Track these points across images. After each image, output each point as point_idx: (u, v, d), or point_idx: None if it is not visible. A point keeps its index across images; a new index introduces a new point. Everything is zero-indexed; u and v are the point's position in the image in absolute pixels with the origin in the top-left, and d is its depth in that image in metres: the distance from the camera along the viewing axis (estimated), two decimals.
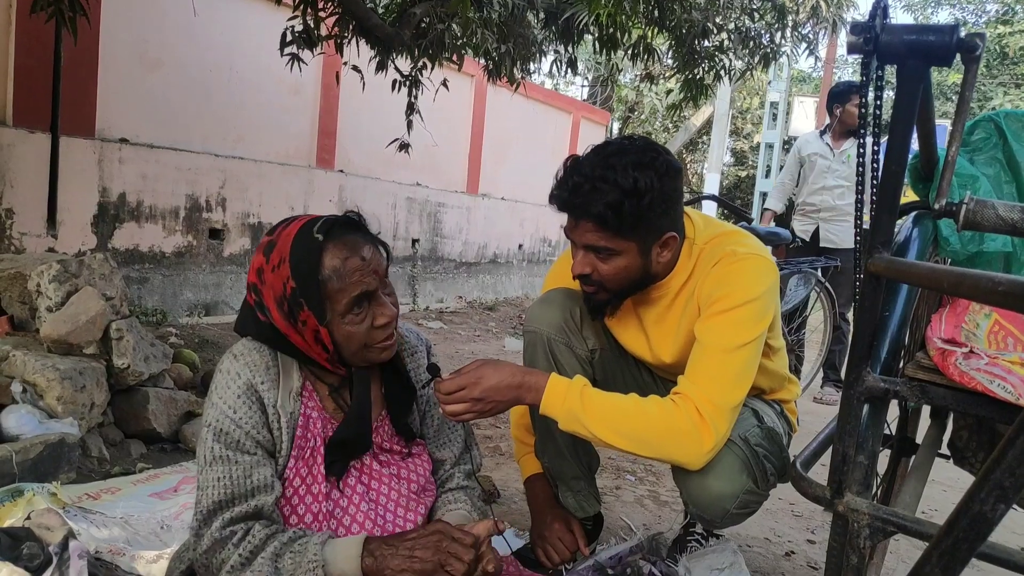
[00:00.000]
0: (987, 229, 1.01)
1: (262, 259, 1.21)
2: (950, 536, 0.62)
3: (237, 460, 1.17)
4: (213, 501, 1.16)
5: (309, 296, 1.17)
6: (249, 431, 1.19)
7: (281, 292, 1.19)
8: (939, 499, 2.77)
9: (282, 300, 1.19)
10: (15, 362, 2.23)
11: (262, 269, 1.21)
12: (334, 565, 1.13)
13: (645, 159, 1.41)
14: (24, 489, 1.82)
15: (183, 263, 4.75)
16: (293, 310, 1.18)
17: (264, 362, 1.23)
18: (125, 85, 4.31)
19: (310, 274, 1.17)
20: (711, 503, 1.47)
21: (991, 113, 1.45)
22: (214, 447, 1.18)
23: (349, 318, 1.19)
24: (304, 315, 1.18)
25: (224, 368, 1.22)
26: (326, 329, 1.19)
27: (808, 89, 16.53)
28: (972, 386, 1.02)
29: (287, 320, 1.20)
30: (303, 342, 1.21)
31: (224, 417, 1.18)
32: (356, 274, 1.19)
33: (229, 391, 1.20)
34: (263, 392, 1.21)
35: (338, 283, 1.18)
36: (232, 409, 1.18)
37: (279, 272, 1.19)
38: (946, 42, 0.84)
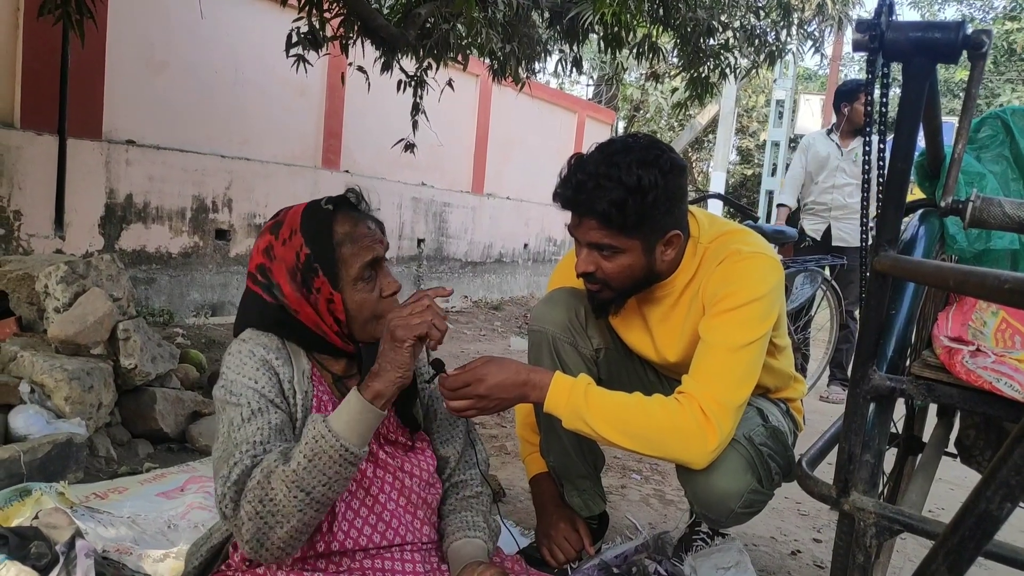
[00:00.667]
0: (994, 227, 1.00)
1: (270, 237, 1.24)
2: (956, 534, 0.62)
3: (275, 412, 1.17)
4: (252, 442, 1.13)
5: (324, 260, 1.21)
6: (273, 399, 1.19)
7: (294, 262, 1.21)
8: (946, 497, 2.76)
9: (295, 270, 1.21)
10: (23, 363, 2.25)
11: (271, 246, 1.23)
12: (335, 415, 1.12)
13: (649, 157, 1.41)
14: (32, 489, 1.83)
15: (190, 264, 4.77)
16: (307, 278, 1.21)
17: (274, 344, 1.24)
18: (132, 87, 4.33)
19: (323, 240, 1.21)
20: (716, 502, 1.46)
21: (998, 110, 1.44)
22: (251, 403, 1.16)
23: (360, 285, 1.23)
24: (319, 282, 1.21)
25: (235, 350, 1.22)
26: (340, 295, 1.21)
27: (814, 87, 16.48)
28: (979, 384, 1.02)
29: (300, 291, 1.21)
30: (314, 315, 1.23)
31: (247, 389, 1.18)
32: (366, 239, 1.24)
33: (246, 366, 1.20)
34: (277, 367, 1.22)
35: (351, 247, 1.22)
36: (253, 380, 1.18)
37: (291, 243, 1.22)
38: (952, 39, 0.84)
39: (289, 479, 1.08)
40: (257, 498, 1.08)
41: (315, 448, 1.08)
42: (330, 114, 5.76)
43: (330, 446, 1.08)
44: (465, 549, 1.32)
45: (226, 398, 1.18)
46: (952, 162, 1.01)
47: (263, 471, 1.09)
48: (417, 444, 1.37)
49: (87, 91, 4.07)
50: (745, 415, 1.50)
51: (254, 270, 1.25)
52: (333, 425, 1.10)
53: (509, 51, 3.77)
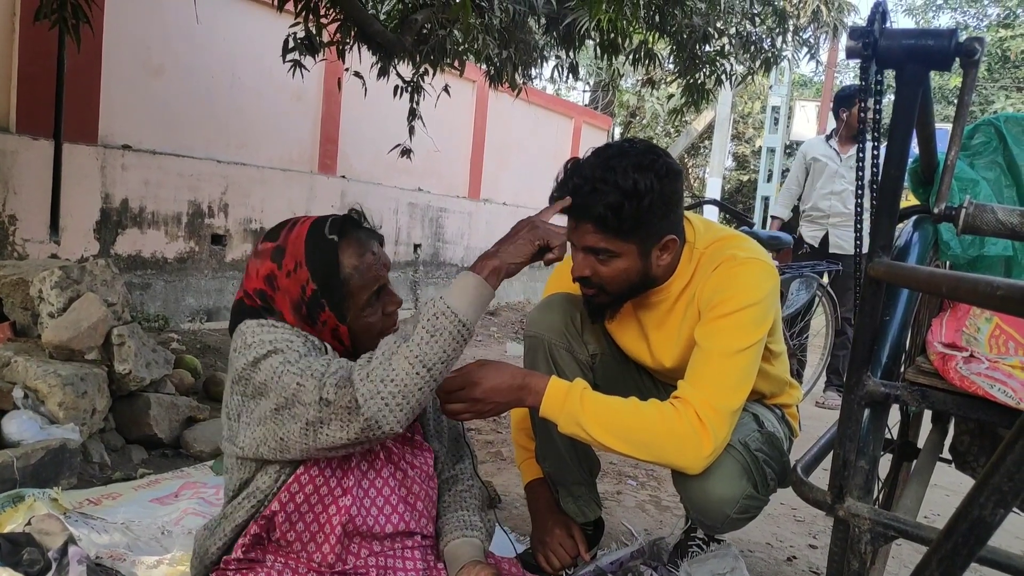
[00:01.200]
0: (987, 233, 1.00)
1: (272, 265, 1.22)
2: (950, 541, 0.62)
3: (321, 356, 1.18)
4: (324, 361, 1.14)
5: (331, 296, 1.21)
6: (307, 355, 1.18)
7: (299, 296, 1.21)
8: (941, 504, 2.76)
9: (300, 304, 1.21)
10: (17, 368, 2.24)
11: (274, 275, 1.21)
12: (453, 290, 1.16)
13: (645, 161, 1.41)
14: (25, 494, 1.82)
15: (185, 269, 4.76)
16: (312, 312, 1.21)
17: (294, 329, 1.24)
18: (128, 92, 4.33)
19: (331, 275, 1.21)
20: (711, 508, 1.46)
21: (991, 117, 1.45)
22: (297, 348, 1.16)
23: (367, 311, 1.25)
24: (324, 316, 1.22)
25: (255, 328, 1.19)
26: (346, 327, 1.23)
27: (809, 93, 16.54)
28: (973, 390, 1.02)
29: (304, 321, 1.22)
30: (317, 339, 1.24)
31: (289, 349, 1.15)
32: (373, 269, 1.25)
33: (277, 330, 1.18)
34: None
35: (359, 280, 1.23)
36: (288, 340, 1.17)
37: (296, 276, 1.21)
38: (945, 46, 0.84)
39: (413, 355, 1.10)
40: (379, 378, 1.09)
41: (436, 324, 1.12)
42: (326, 119, 5.76)
43: (450, 322, 1.12)
44: (462, 549, 1.32)
45: (265, 357, 1.14)
46: (945, 169, 1.01)
47: (383, 353, 1.11)
48: (415, 436, 1.37)
49: (83, 95, 4.07)
50: (741, 420, 1.50)
51: (252, 292, 1.23)
52: (449, 299, 1.14)
53: (506, 57, 3.78)
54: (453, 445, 1.47)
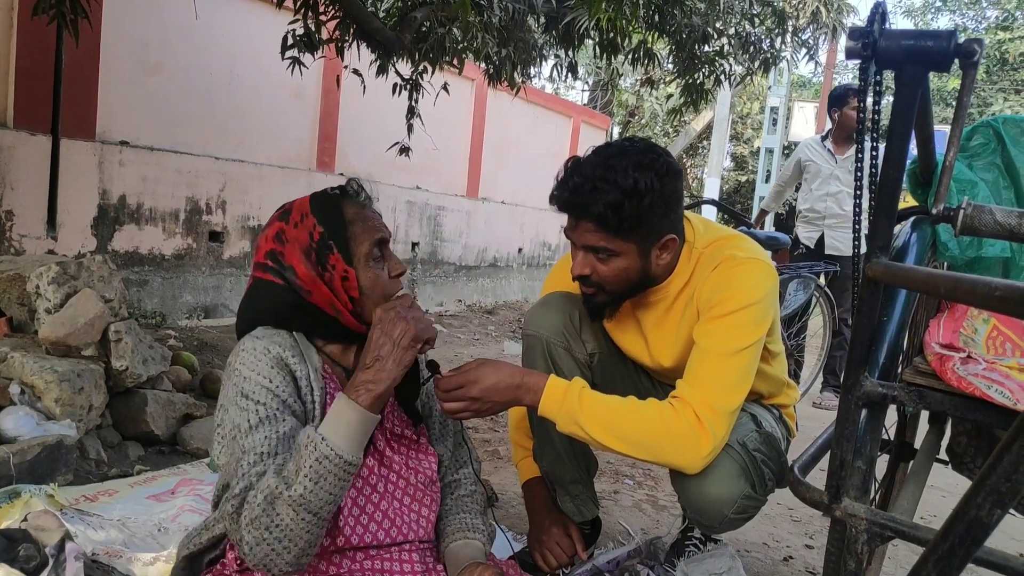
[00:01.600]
0: (985, 234, 1.01)
1: (280, 224, 1.27)
2: (946, 541, 0.62)
3: (284, 419, 1.16)
4: (257, 454, 1.11)
5: (337, 237, 1.24)
6: (286, 399, 1.18)
7: (308, 241, 1.24)
8: (938, 504, 2.77)
9: (309, 249, 1.24)
10: (13, 364, 2.23)
11: (282, 231, 1.26)
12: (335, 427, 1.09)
13: (645, 160, 1.41)
14: (21, 491, 1.81)
15: (183, 265, 4.75)
16: (322, 255, 1.23)
17: (287, 341, 1.24)
18: (126, 88, 4.32)
19: (335, 218, 1.26)
20: (709, 508, 1.46)
21: (990, 119, 1.45)
22: (258, 410, 1.14)
23: (371, 263, 1.26)
24: (333, 258, 1.23)
25: (248, 347, 1.20)
26: (353, 271, 1.24)
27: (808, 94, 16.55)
28: (970, 391, 1.02)
29: (315, 269, 1.23)
30: (329, 293, 1.23)
31: (260, 388, 1.16)
32: (372, 220, 1.29)
33: (260, 363, 1.18)
34: (293, 366, 1.21)
35: (361, 226, 1.27)
36: (267, 378, 1.17)
37: (303, 225, 1.25)
38: (944, 48, 0.84)
39: (296, 503, 1.05)
40: (263, 526, 1.06)
41: (319, 470, 1.06)
42: (325, 117, 5.76)
43: (335, 465, 1.07)
44: (463, 551, 1.32)
45: (236, 399, 1.16)
46: (943, 170, 1.01)
47: (265, 497, 1.06)
48: (421, 439, 1.37)
49: (81, 91, 4.06)
50: (739, 421, 1.50)
51: (263, 258, 1.26)
52: (332, 440, 1.07)
53: (505, 56, 3.78)
54: (456, 450, 1.47)
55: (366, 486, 1.26)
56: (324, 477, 1.06)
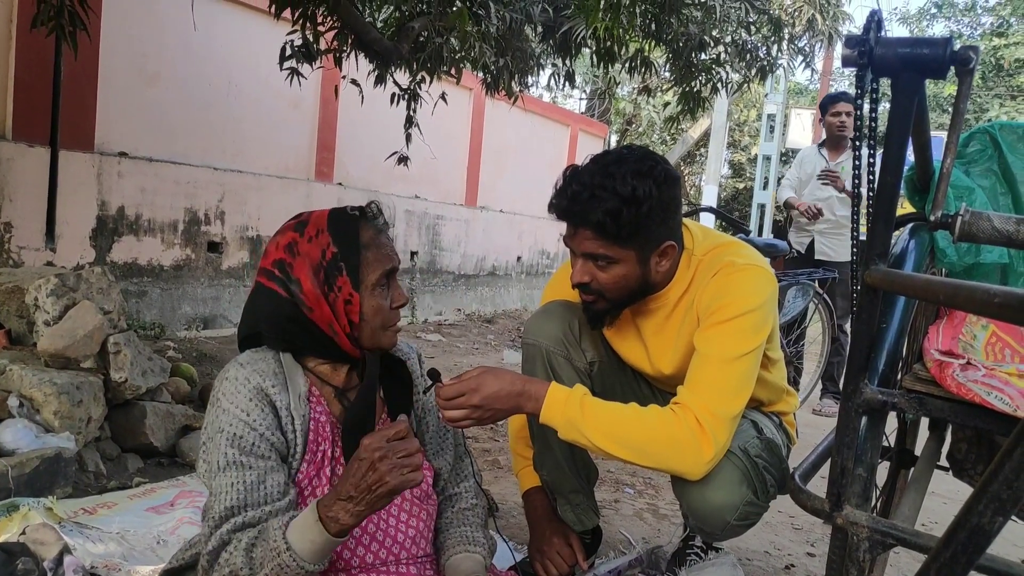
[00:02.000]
0: (982, 241, 1.01)
1: (294, 235, 1.26)
2: (948, 549, 0.62)
3: (251, 465, 1.17)
4: (225, 507, 1.14)
5: (349, 261, 1.23)
6: (263, 433, 1.18)
7: (319, 258, 1.23)
8: (939, 511, 2.76)
9: (319, 267, 1.23)
10: (12, 376, 2.23)
11: (295, 242, 1.25)
12: (301, 541, 1.10)
13: (644, 168, 1.42)
14: (20, 504, 1.81)
15: (181, 276, 4.75)
16: (331, 275, 1.23)
17: (271, 368, 1.24)
18: (125, 99, 4.33)
19: (351, 241, 1.25)
20: (711, 514, 1.46)
21: (986, 125, 1.45)
22: (228, 452, 1.16)
23: (377, 291, 1.25)
24: (341, 280, 1.23)
25: (231, 376, 1.22)
26: (358, 296, 1.23)
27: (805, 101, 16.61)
28: (970, 398, 1.02)
29: (321, 287, 1.22)
30: (330, 314, 1.23)
31: (237, 421, 1.17)
32: (385, 248, 1.28)
33: (240, 395, 1.19)
34: (274, 396, 1.21)
35: (375, 253, 1.26)
36: (245, 412, 1.18)
37: (317, 240, 1.25)
38: (940, 55, 0.85)
39: None
40: None
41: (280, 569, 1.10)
42: (323, 127, 5.77)
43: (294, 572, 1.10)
44: (464, 564, 1.31)
45: (214, 434, 1.19)
46: (941, 176, 1.02)
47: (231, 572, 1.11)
48: None
49: (79, 103, 4.07)
50: (740, 427, 1.50)
51: (271, 266, 1.25)
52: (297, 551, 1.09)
53: (502, 65, 3.79)
54: (457, 462, 1.46)
55: None
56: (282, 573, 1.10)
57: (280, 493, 1.18)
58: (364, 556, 1.24)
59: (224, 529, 1.13)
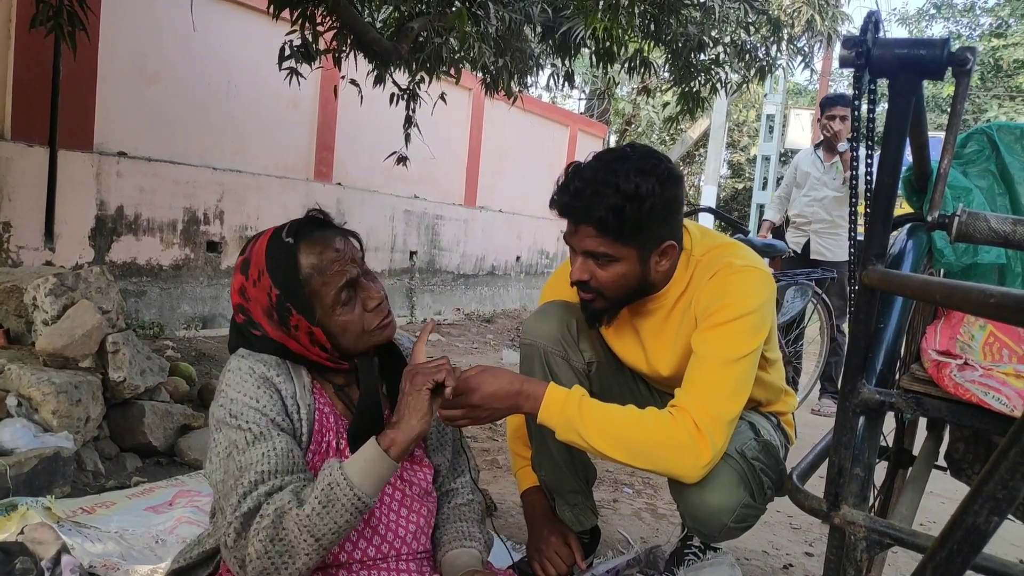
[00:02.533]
0: (979, 241, 1.01)
1: (242, 278, 1.23)
2: (944, 548, 0.62)
3: (278, 435, 1.16)
4: (259, 472, 1.12)
5: (295, 299, 1.19)
6: (274, 418, 1.18)
7: (268, 303, 1.20)
8: (937, 511, 2.76)
9: (270, 310, 1.20)
10: (10, 376, 2.23)
11: (244, 287, 1.22)
12: (352, 462, 1.12)
13: (647, 166, 1.42)
14: (18, 503, 1.81)
15: (180, 276, 4.75)
16: (283, 317, 1.20)
17: (274, 359, 1.24)
18: (124, 99, 4.33)
19: (290, 278, 1.19)
20: (708, 517, 1.46)
21: (984, 125, 1.46)
22: (252, 427, 1.15)
23: (340, 310, 1.21)
24: (295, 319, 1.20)
25: (234, 367, 1.21)
26: (319, 328, 1.20)
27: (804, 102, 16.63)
28: (967, 398, 1.02)
29: (280, 329, 1.21)
30: (300, 347, 1.22)
31: (248, 408, 1.17)
32: (335, 265, 1.21)
33: (246, 384, 1.19)
34: (279, 384, 1.21)
35: (320, 279, 1.20)
36: (254, 399, 1.18)
37: (260, 284, 1.21)
38: (937, 56, 0.85)
39: (302, 523, 1.08)
40: (268, 537, 1.08)
41: (329, 495, 1.09)
42: (322, 127, 5.77)
43: (344, 495, 1.09)
44: (460, 559, 1.31)
45: (226, 419, 1.17)
46: (938, 177, 1.02)
47: (276, 511, 1.09)
48: (416, 452, 1.37)
49: (78, 103, 4.07)
50: (737, 429, 1.50)
51: (235, 307, 1.25)
52: (348, 473, 1.10)
53: (501, 65, 3.79)
54: (455, 458, 1.46)
55: None
56: (333, 503, 1.08)
57: (304, 467, 1.18)
58: (366, 550, 1.24)
59: (260, 491, 1.11)
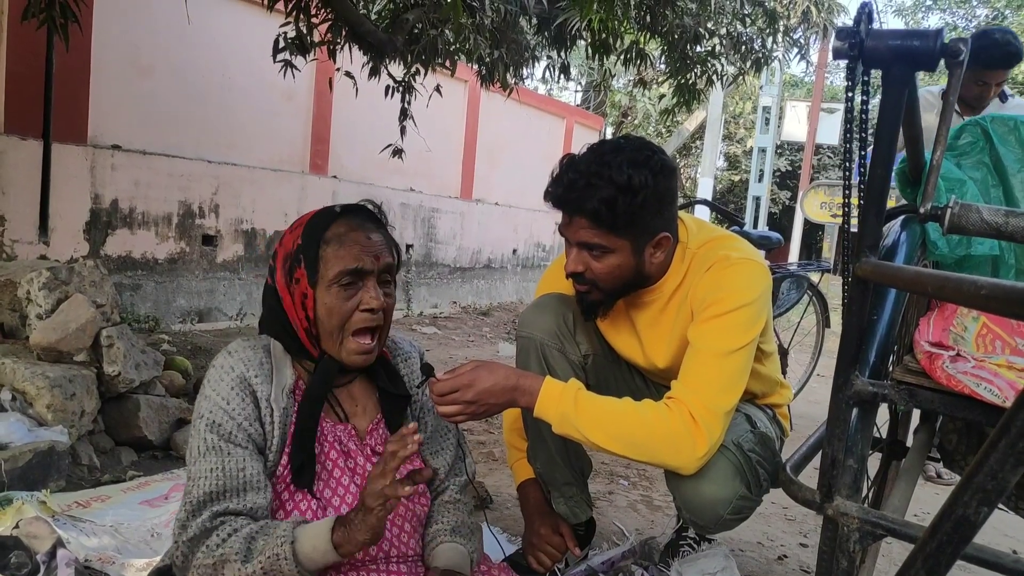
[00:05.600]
0: (972, 233, 1.01)
1: (288, 228, 1.30)
2: (934, 539, 0.62)
3: (230, 452, 1.17)
4: (204, 492, 1.15)
5: (307, 252, 1.23)
6: (241, 423, 1.19)
7: (289, 248, 1.25)
8: (931, 501, 2.77)
9: (287, 257, 1.25)
10: (4, 370, 2.22)
11: (284, 235, 1.29)
12: (304, 541, 1.12)
13: (640, 157, 1.42)
14: (13, 497, 1.81)
15: (176, 270, 4.74)
16: (293, 267, 1.24)
17: (258, 358, 1.24)
18: (117, 91, 4.31)
19: (315, 235, 1.24)
20: (705, 509, 1.46)
21: (978, 117, 1.46)
22: (207, 437, 1.18)
23: (335, 290, 1.21)
24: (299, 273, 1.23)
25: (218, 363, 1.23)
26: (312, 292, 1.22)
27: (800, 94, 16.61)
28: (959, 389, 1.03)
29: (286, 277, 1.24)
30: (291, 304, 1.24)
31: (217, 408, 1.19)
32: (355, 247, 1.22)
33: (223, 383, 1.21)
34: (256, 386, 1.21)
35: (335, 248, 1.22)
36: (225, 400, 1.19)
37: (294, 231, 1.26)
38: (930, 47, 0.85)
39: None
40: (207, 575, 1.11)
41: (274, 564, 1.10)
42: (318, 119, 5.75)
43: (288, 569, 1.10)
44: (444, 554, 1.31)
45: (196, 421, 1.20)
46: (931, 169, 1.02)
47: (220, 556, 1.11)
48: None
49: (72, 95, 4.04)
50: (733, 421, 1.50)
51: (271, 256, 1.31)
52: (298, 549, 1.10)
53: (497, 57, 3.78)
54: (456, 463, 1.46)
55: (343, 504, 1.25)
56: (275, 573, 1.10)
57: (258, 483, 1.18)
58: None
59: (205, 516, 1.13)
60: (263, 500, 1.17)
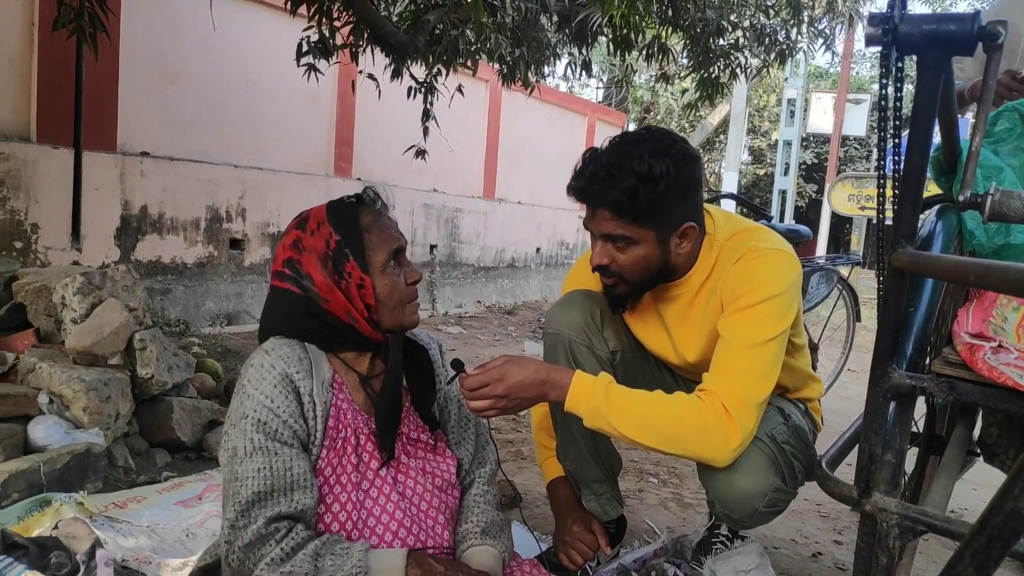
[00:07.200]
0: (1014, 220, 0.98)
1: (297, 232, 1.29)
2: (983, 534, 0.60)
3: (277, 451, 1.18)
4: (253, 492, 1.15)
5: (353, 245, 1.26)
6: (287, 420, 1.19)
7: (324, 249, 1.25)
8: (968, 498, 2.72)
9: (326, 257, 1.25)
10: (41, 374, 2.27)
11: (300, 239, 1.27)
12: (378, 572, 1.13)
13: (661, 147, 1.41)
14: (51, 499, 1.84)
15: (204, 273, 4.80)
16: (338, 263, 1.25)
17: (296, 355, 1.25)
18: (145, 99, 4.37)
19: (352, 227, 1.27)
20: (739, 501, 1.45)
21: (1015, 103, 1.42)
22: (254, 437, 1.17)
23: (388, 270, 1.27)
24: (350, 266, 1.25)
25: (256, 363, 1.23)
26: (369, 279, 1.25)
27: (826, 85, 16.39)
28: (1001, 381, 1.00)
29: (332, 277, 1.25)
30: (345, 301, 1.25)
31: (262, 407, 1.19)
32: (388, 230, 1.30)
33: (265, 382, 1.21)
34: (298, 381, 1.22)
35: (377, 235, 1.28)
36: (269, 399, 1.19)
37: (320, 233, 1.27)
38: (967, 31, 0.83)
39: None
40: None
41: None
42: (341, 122, 5.79)
43: None
44: (476, 558, 1.31)
45: (238, 420, 1.19)
46: (970, 156, 0.99)
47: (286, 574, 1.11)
48: (438, 444, 1.37)
49: (101, 104, 4.12)
50: (766, 414, 1.49)
51: (281, 267, 1.27)
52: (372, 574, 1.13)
53: (518, 56, 3.78)
54: (479, 451, 1.46)
55: (393, 492, 1.26)
56: None
57: (305, 481, 1.18)
58: (391, 543, 1.25)
59: (259, 522, 1.13)
60: (310, 500, 1.18)
